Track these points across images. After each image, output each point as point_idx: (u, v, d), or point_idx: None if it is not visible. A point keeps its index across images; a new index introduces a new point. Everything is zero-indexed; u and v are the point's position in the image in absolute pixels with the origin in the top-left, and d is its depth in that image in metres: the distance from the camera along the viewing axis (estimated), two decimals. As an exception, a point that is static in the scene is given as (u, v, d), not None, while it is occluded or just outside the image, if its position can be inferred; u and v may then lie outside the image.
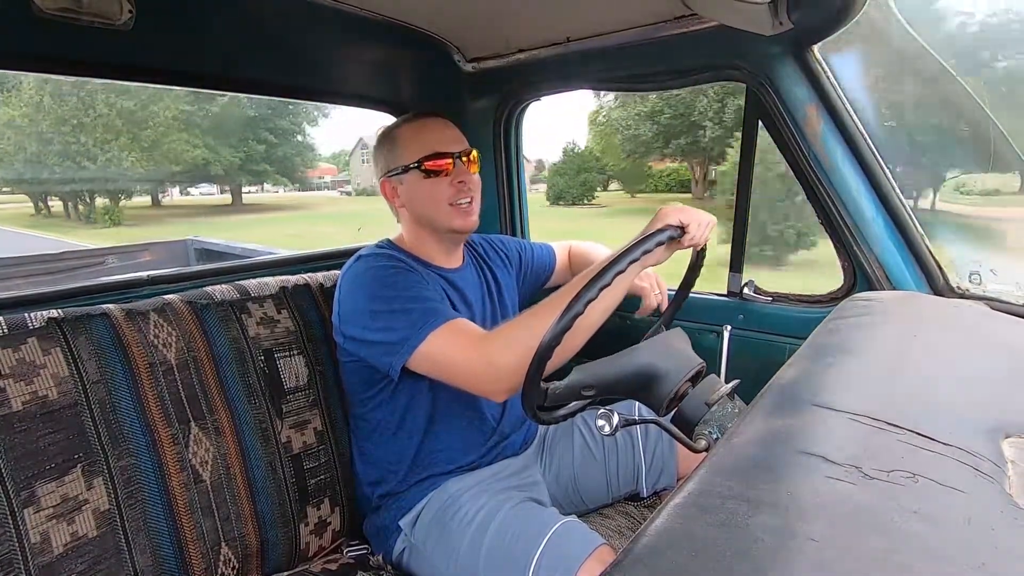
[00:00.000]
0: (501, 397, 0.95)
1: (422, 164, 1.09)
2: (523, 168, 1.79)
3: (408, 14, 1.38)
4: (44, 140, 18.35)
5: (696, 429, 0.79)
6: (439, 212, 1.11)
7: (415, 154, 1.10)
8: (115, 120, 17.61)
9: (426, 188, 1.10)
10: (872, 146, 1.17)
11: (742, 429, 0.53)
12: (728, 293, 1.41)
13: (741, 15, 0.99)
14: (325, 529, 1.18)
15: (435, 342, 0.95)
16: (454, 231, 1.13)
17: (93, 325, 0.96)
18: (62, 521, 0.86)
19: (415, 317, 0.97)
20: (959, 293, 1.17)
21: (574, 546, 0.93)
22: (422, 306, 0.99)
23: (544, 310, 0.90)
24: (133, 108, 18.06)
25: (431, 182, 1.10)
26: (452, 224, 1.11)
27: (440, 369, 0.97)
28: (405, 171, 1.11)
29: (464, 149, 1.13)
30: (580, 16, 1.29)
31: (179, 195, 28.68)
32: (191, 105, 19.74)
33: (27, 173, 19.04)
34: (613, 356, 0.82)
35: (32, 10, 0.90)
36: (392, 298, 1.00)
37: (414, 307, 0.98)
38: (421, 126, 1.14)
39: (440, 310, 0.99)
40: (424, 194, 1.11)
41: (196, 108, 19.80)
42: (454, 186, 1.10)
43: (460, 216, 1.11)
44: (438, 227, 1.13)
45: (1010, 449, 0.50)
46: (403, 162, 1.11)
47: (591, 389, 0.80)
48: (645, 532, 0.40)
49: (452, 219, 1.11)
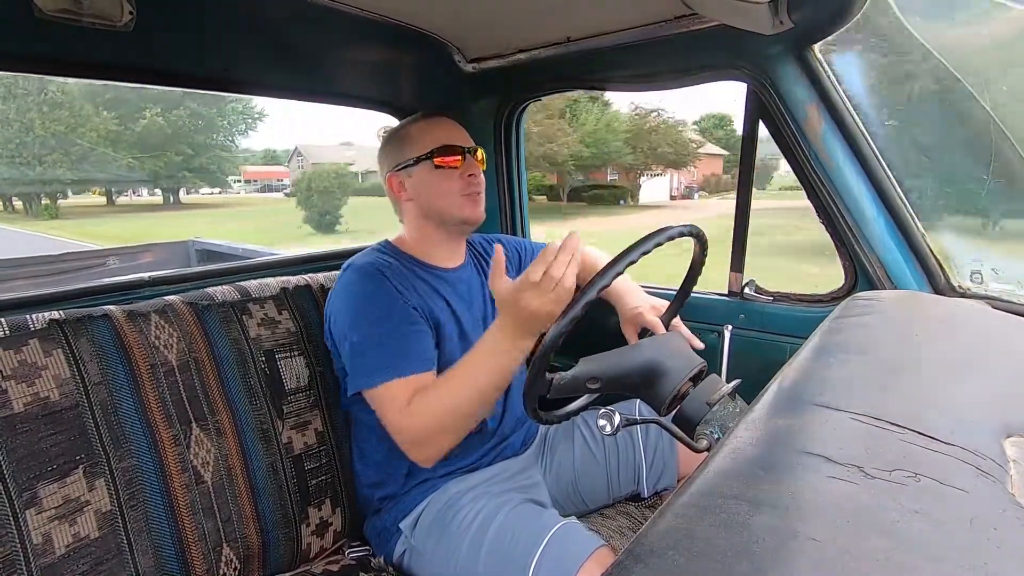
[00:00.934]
0: (428, 464, 1.01)
1: (433, 156, 1.11)
2: (524, 168, 1.80)
3: (408, 14, 1.38)
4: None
5: (697, 429, 0.79)
6: (450, 202, 1.12)
7: (427, 146, 1.12)
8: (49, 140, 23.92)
9: (437, 179, 1.12)
10: (873, 146, 1.16)
11: (743, 429, 0.53)
12: (729, 293, 1.41)
13: (741, 15, 0.99)
14: (326, 530, 1.18)
15: (384, 392, 0.99)
16: (464, 221, 1.14)
17: (94, 326, 0.96)
18: (64, 522, 0.86)
19: (383, 357, 1.00)
20: (960, 292, 1.17)
21: (574, 547, 0.93)
22: (395, 345, 1.01)
23: (460, 371, 0.96)
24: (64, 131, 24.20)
25: (442, 173, 1.12)
26: (463, 213, 1.13)
27: (380, 416, 1.02)
28: (416, 163, 1.13)
29: (473, 146, 1.16)
30: (580, 16, 1.29)
31: (135, 196, 35.05)
32: (119, 125, 25.85)
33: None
34: (620, 349, 0.82)
35: (33, 11, 0.91)
36: (363, 325, 1.03)
37: (387, 344, 1.01)
38: (432, 122, 1.17)
39: (408, 355, 1.01)
40: (435, 185, 1.13)
41: (123, 128, 25.91)
42: (464, 179, 1.12)
43: (470, 205, 1.13)
44: (448, 218, 1.14)
45: (1012, 448, 0.50)
46: (414, 154, 1.13)
47: (596, 381, 0.80)
48: (646, 532, 0.40)
49: (463, 208, 1.13)
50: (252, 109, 29.83)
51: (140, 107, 25.78)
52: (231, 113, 29.32)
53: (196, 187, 31.65)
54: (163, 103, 25.64)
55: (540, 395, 0.80)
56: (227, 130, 29.86)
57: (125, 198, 32.87)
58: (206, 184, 31.27)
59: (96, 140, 24.99)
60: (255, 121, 30.63)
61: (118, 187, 30.49)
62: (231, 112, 29.20)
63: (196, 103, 26.54)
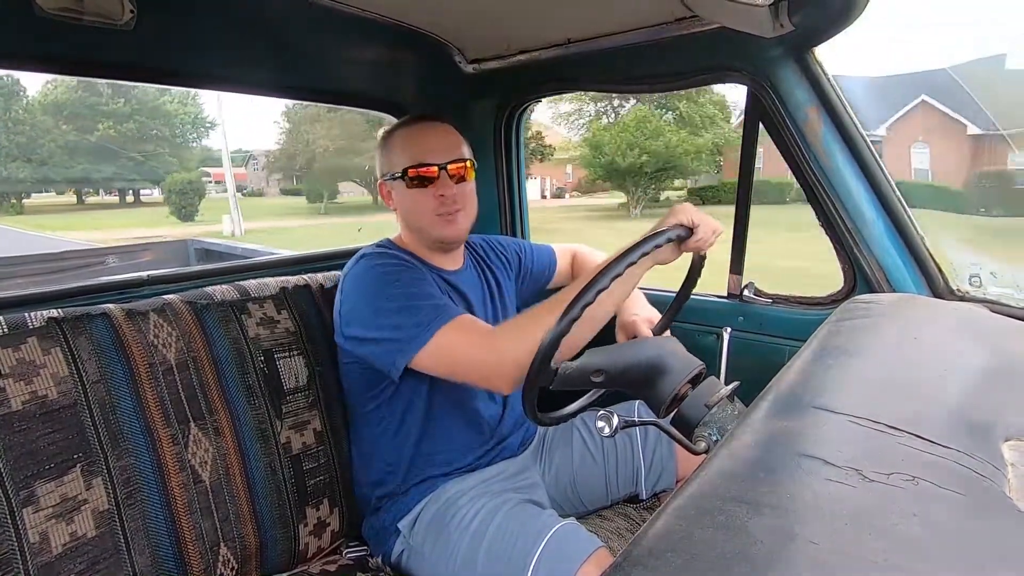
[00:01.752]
0: (509, 390, 0.94)
1: (407, 173, 1.09)
2: (523, 169, 1.80)
3: (409, 15, 1.38)
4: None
5: (696, 431, 0.79)
6: (424, 221, 1.11)
7: (402, 163, 1.10)
8: (13, 150, 28.24)
9: (411, 197, 1.11)
10: (872, 148, 1.16)
11: (742, 431, 0.53)
12: (728, 295, 1.41)
13: (742, 17, 0.99)
14: (324, 530, 1.18)
15: (444, 338, 0.95)
16: (438, 240, 1.13)
17: (93, 325, 0.96)
18: (61, 521, 0.86)
19: (422, 315, 0.97)
20: (959, 296, 1.17)
21: (572, 548, 0.93)
22: (429, 303, 0.99)
23: (552, 306, 0.89)
24: (25, 142, 28.45)
25: (416, 192, 1.10)
26: (436, 233, 1.12)
27: (448, 365, 0.97)
28: (394, 179, 1.12)
29: (454, 158, 1.10)
30: (581, 18, 1.29)
31: (104, 196, 38.77)
32: (76, 136, 29.79)
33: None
34: (625, 343, 0.83)
35: (33, 10, 0.91)
36: (397, 295, 1.00)
37: (421, 304, 0.98)
38: (413, 132, 1.14)
39: (447, 306, 0.99)
40: (409, 203, 1.12)
41: (79, 138, 29.67)
42: (436, 198, 1.09)
43: (444, 226, 1.11)
44: (423, 236, 1.14)
45: (1010, 452, 0.50)
46: (392, 169, 1.12)
47: (601, 374, 0.80)
48: (644, 534, 0.40)
49: (435, 227, 1.11)
50: (203, 120, 33.78)
51: (95, 121, 29.61)
52: (179, 124, 33.25)
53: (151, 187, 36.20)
54: (113, 118, 29.32)
55: (544, 386, 0.80)
56: (172, 140, 33.67)
57: (97, 198, 36.51)
58: (153, 186, 35.44)
59: (53, 150, 29.08)
60: (206, 130, 35.14)
61: (78, 187, 34.67)
62: (179, 124, 33.21)
63: (144, 117, 30.37)
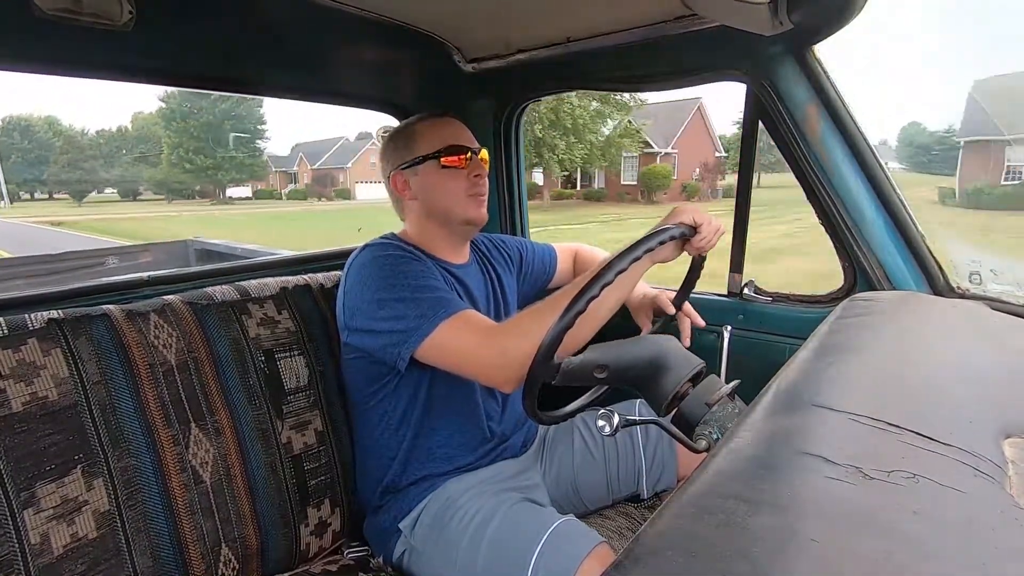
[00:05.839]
0: (510, 388, 0.93)
1: (441, 156, 1.11)
2: (523, 168, 1.80)
3: (408, 14, 1.38)
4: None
5: (696, 430, 0.79)
6: (456, 202, 1.12)
7: (433, 146, 1.12)
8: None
9: (443, 179, 1.12)
10: (872, 146, 1.16)
11: (742, 430, 0.53)
12: (728, 293, 1.41)
13: (741, 15, 0.99)
14: (325, 530, 1.18)
15: (446, 331, 0.95)
16: (468, 221, 1.14)
17: (93, 326, 0.96)
18: (62, 522, 0.86)
19: (425, 307, 0.97)
20: (959, 293, 1.17)
21: (573, 545, 0.93)
22: (432, 295, 0.99)
23: (556, 302, 0.89)
24: (29, 147, 33.80)
25: (448, 173, 1.12)
26: (467, 213, 1.13)
27: (450, 358, 0.97)
28: (422, 161, 1.12)
29: (478, 147, 1.16)
30: (580, 16, 1.29)
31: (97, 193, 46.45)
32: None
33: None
34: (628, 339, 0.83)
35: (32, 10, 0.90)
36: (401, 286, 1.00)
37: (424, 296, 0.98)
38: (440, 122, 1.17)
39: (451, 299, 0.99)
40: (440, 185, 1.13)
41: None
42: (470, 179, 1.12)
43: (475, 206, 1.13)
44: (452, 218, 1.14)
45: (1011, 449, 0.50)
46: (420, 153, 1.12)
47: (604, 370, 0.80)
48: (645, 532, 0.40)
49: (467, 209, 1.13)
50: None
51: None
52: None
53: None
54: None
55: (547, 381, 0.80)
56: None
57: (95, 194, 44.26)
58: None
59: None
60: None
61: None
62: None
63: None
